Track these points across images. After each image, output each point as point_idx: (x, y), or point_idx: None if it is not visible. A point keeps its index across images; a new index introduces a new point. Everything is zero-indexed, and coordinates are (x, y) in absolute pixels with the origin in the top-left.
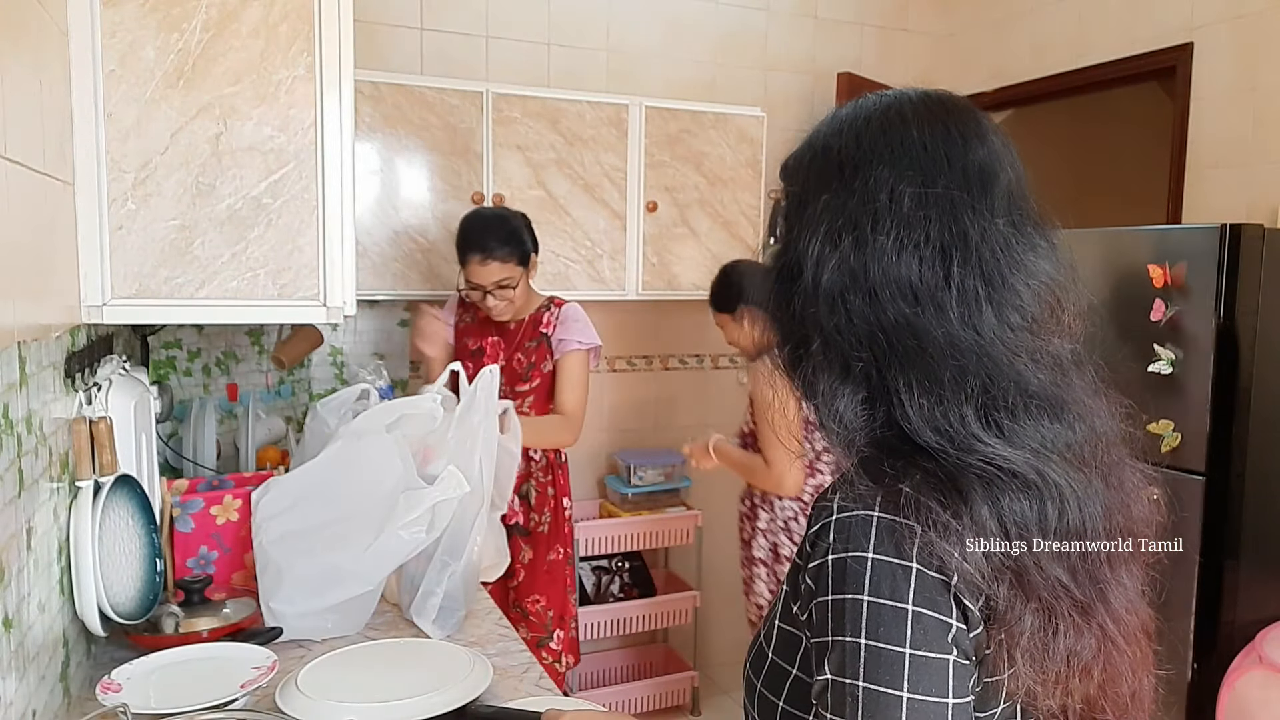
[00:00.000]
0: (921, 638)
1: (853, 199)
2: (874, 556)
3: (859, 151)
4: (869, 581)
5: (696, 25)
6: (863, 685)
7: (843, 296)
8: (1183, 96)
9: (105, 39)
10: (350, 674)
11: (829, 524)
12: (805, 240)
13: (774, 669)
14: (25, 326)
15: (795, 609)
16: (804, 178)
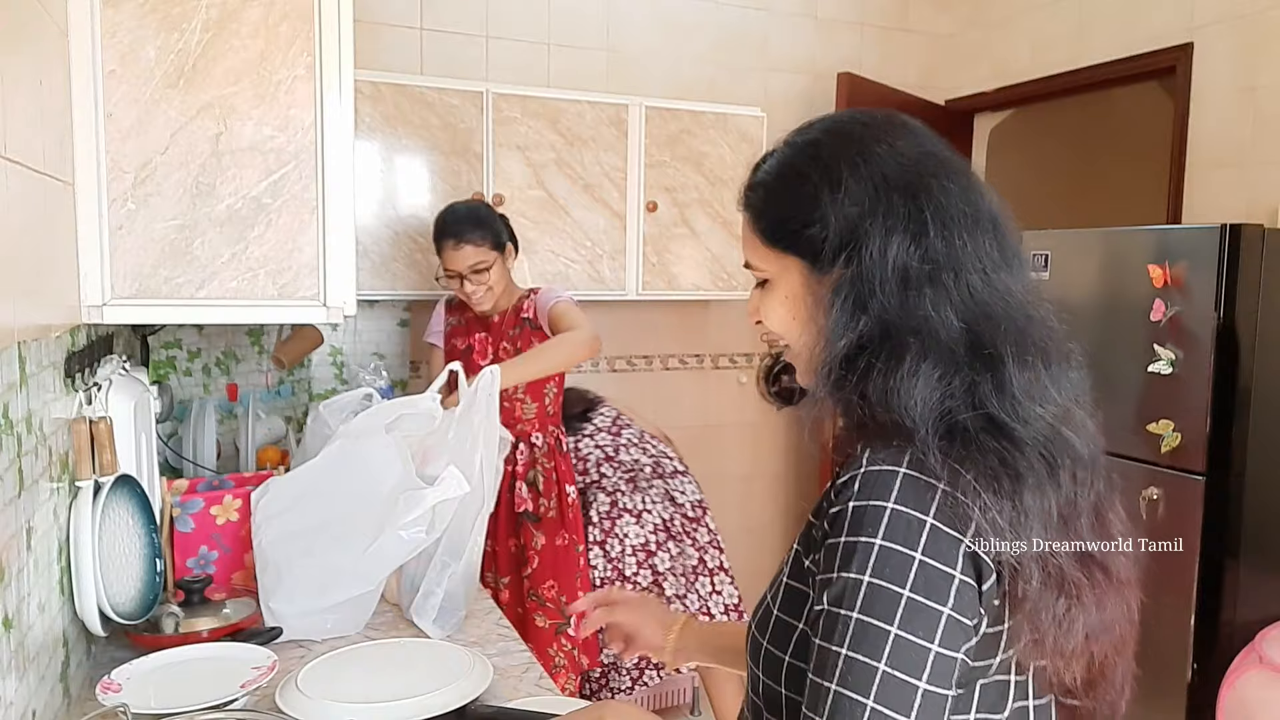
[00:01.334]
0: (922, 585)
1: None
2: (893, 506)
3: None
4: (884, 527)
5: (696, 25)
6: (856, 616)
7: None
8: (1183, 96)
9: (105, 39)
10: (350, 674)
11: (856, 475)
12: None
13: (780, 625)
14: (25, 326)
15: (807, 563)
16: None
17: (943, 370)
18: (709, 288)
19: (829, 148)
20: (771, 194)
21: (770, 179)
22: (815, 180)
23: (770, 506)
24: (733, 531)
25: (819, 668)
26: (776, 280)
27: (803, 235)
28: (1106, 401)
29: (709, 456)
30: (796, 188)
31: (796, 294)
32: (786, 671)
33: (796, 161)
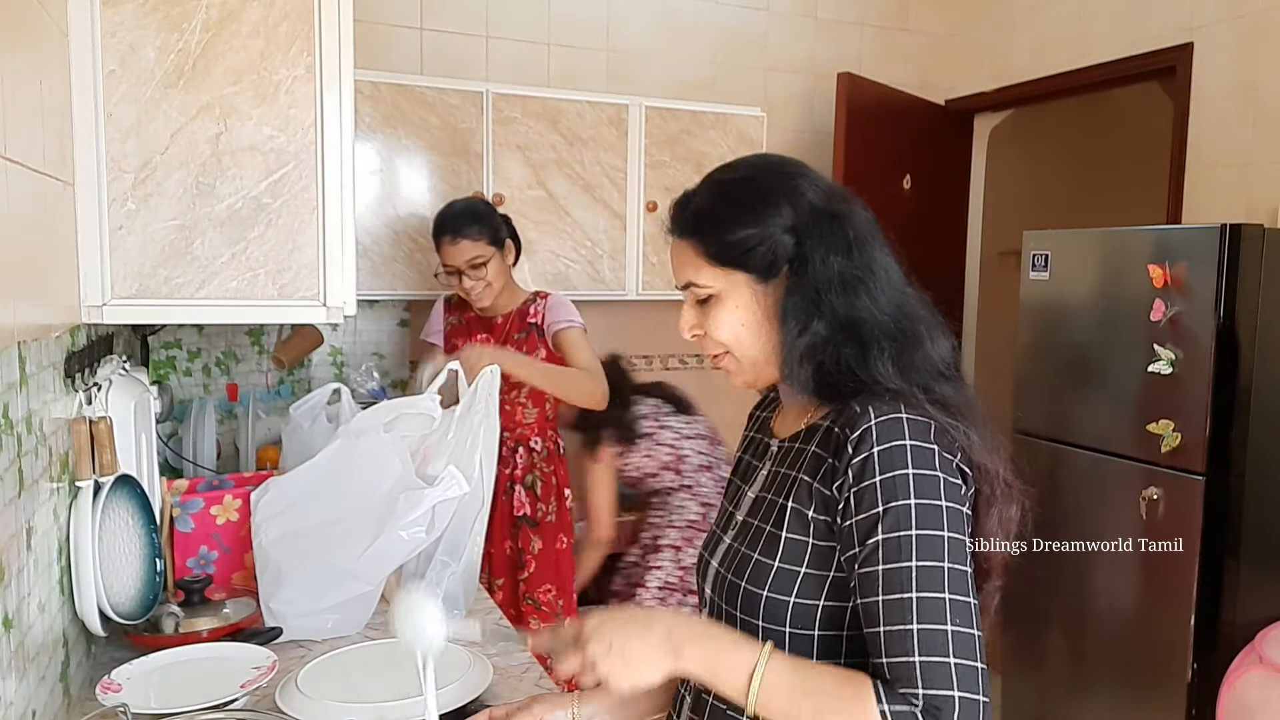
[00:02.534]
0: (949, 494)
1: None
2: (910, 442)
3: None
4: (910, 458)
5: (696, 25)
6: (916, 532)
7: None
8: (1183, 96)
9: (105, 39)
10: (350, 674)
11: (869, 427)
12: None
13: (781, 573)
14: (25, 326)
15: (811, 514)
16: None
17: (892, 347)
18: None
19: (765, 182)
20: (718, 221)
21: (714, 208)
22: (759, 208)
23: None
24: None
25: (891, 584)
26: (724, 295)
27: (754, 253)
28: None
29: None
30: (741, 214)
31: (745, 305)
32: (793, 611)
33: (737, 194)
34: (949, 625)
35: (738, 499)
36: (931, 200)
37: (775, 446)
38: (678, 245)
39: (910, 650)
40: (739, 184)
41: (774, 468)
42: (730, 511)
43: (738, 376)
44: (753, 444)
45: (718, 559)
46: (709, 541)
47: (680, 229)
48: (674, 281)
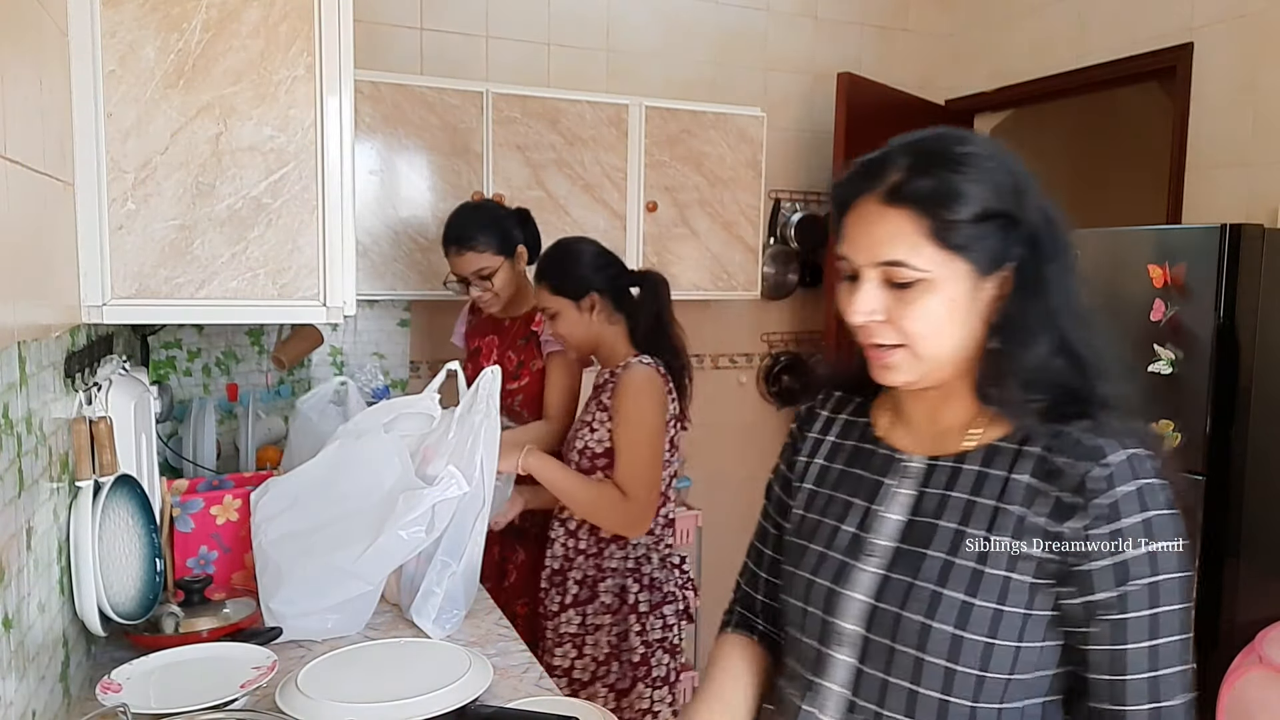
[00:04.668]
0: (1184, 530)
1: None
2: (1159, 480)
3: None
4: (1164, 496)
5: (696, 25)
6: (1169, 577)
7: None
8: (1183, 96)
9: (105, 39)
10: (350, 674)
11: (1118, 465)
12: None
13: (980, 613)
14: (25, 326)
15: (1026, 548)
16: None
17: (1108, 368)
18: (709, 288)
19: (1009, 165)
20: (956, 198)
21: (954, 181)
22: (1006, 194)
23: None
24: (733, 532)
25: (1154, 630)
26: (938, 283)
27: (985, 243)
28: None
29: (709, 456)
30: (986, 195)
31: (961, 297)
32: (993, 653)
33: (982, 171)
34: (1187, 665)
35: (861, 517)
36: None
37: (919, 465)
38: (884, 213)
39: (1174, 693)
40: (982, 160)
41: (931, 489)
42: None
43: (902, 374)
44: (857, 454)
45: (865, 591)
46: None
47: (895, 195)
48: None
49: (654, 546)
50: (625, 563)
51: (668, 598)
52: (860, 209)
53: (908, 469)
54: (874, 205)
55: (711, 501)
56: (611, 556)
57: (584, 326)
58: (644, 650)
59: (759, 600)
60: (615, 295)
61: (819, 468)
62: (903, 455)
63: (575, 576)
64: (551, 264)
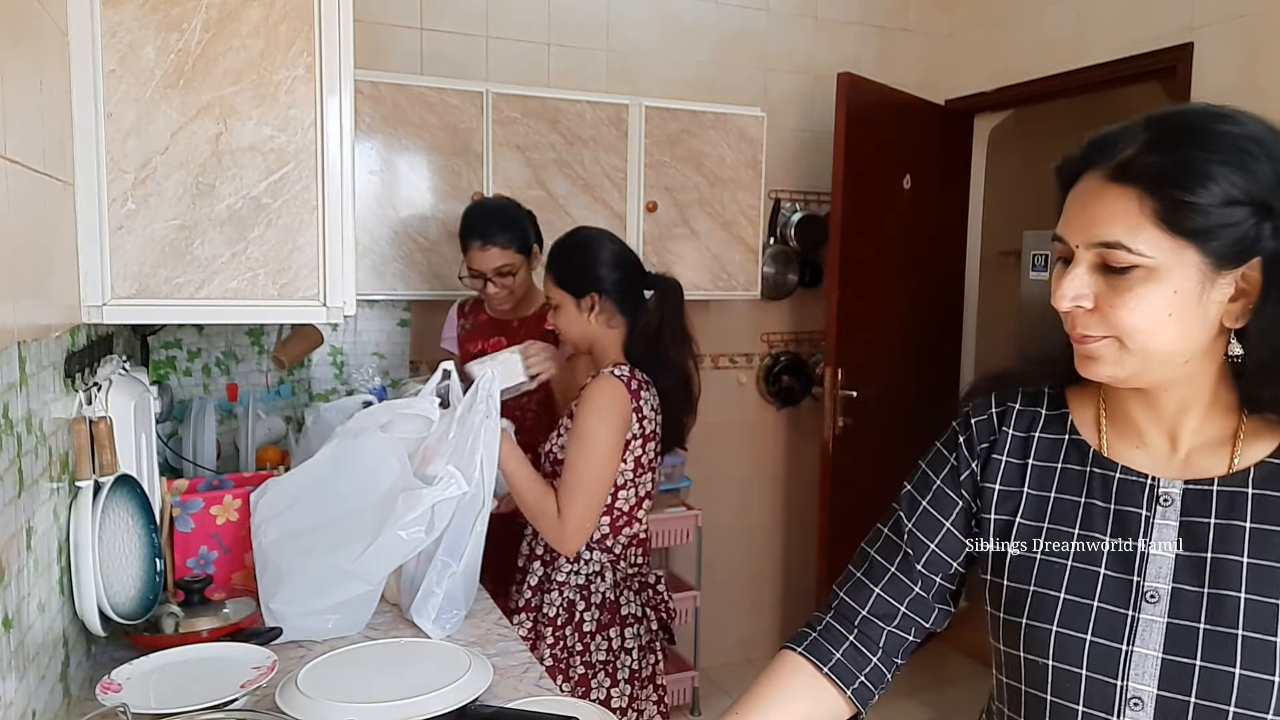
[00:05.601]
0: None
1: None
2: None
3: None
4: None
5: (696, 25)
6: None
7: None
8: (1183, 97)
9: (105, 39)
10: (350, 674)
11: None
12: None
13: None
14: (25, 326)
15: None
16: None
17: None
18: (709, 288)
19: (1267, 142)
20: (1194, 176)
21: (1193, 159)
22: (1260, 176)
23: (770, 507)
24: (733, 532)
25: None
26: (1163, 272)
27: (1226, 231)
28: None
29: (709, 456)
30: (1232, 176)
31: (1188, 291)
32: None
33: (1233, 149)
34: None
35: (1132, 561)
36: (931, 200)
37: (1178, 490)
38: (1105, 190)
39: None
40: (1239, 139)
41: (1197, 518)
42: (1123, 578)
43: (1107, 367)
44: (1073, 479)
45: (1155, 646)
46: (1098, 622)
47: (1123, 171)
48: (1067, 232)
49: (610, 565)
50: (574, 577)
51: (626, 620)
52: (1083, 185)
53: (1164, 495)
54: (1098, 181)
55: (711, 501)
56: (560, 569)
57: (580, 325)
58: (584, 670)
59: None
60: (621, 298)
61: (1024, 497)
62: (1147, 479)
63: (530, 581)
64: (563, 254)
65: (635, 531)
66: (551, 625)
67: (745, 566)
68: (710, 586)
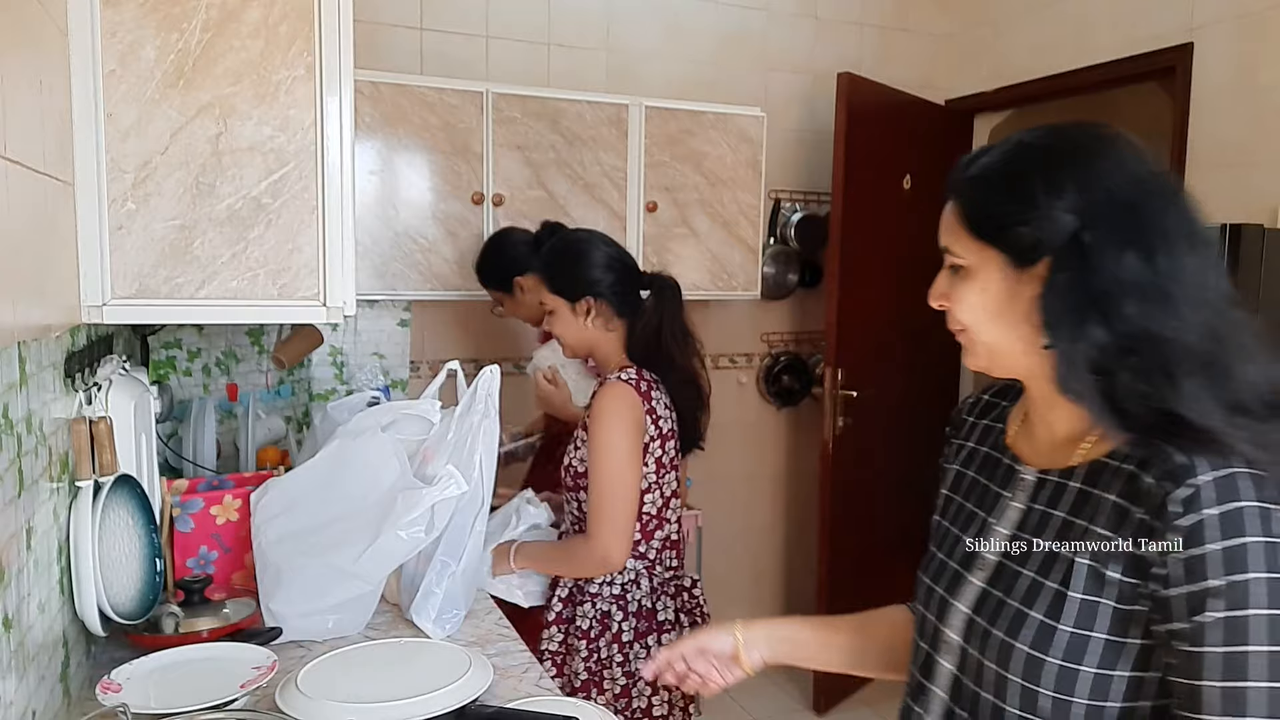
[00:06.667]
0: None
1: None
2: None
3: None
4: (1260, 522)
5: (696, 25)
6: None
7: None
8: (1183, 96)
9: (105, 39)
10: (350, 674)
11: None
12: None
13: (1074, 640)
14: (25, 326)
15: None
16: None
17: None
18: (709, 288)
19: (1056, 154)
20: (987, 187)
21: (989, 173)
22: (1036, 182)
23: (770, 507)
24: (733, 532)
25: (1230, 670)
26: (974, 271)
27: (1011, 231)
28: None
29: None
30: (1013, 186)
31: (993, 287)
32: (1092, 682)
33: (1019, 161)
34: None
35: (979, 528)
36: (931, 200)
37: (1032, 477)
38: (948, 205)
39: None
40: (1029, 149)
41: (1032, 504)
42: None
43: (971, 358)
44: (982, 461)
45: (966, 602)
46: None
47: (950, 188)
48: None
49: (646, 572)
50: (609, 588)
51: (663, 626)
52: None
53: (1020, 481)
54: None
55: (712, 501)
56: (593, 580)
57: (577, 329)
58: (625, 681)
59: None
60: (618, 300)
61: (955, 473)
62: (1020, 466)
63: (560, 593)
64: (554, 259)
65: (667, 533)
66: (585, 638)
67: (745, 566)
68: (710, 586)
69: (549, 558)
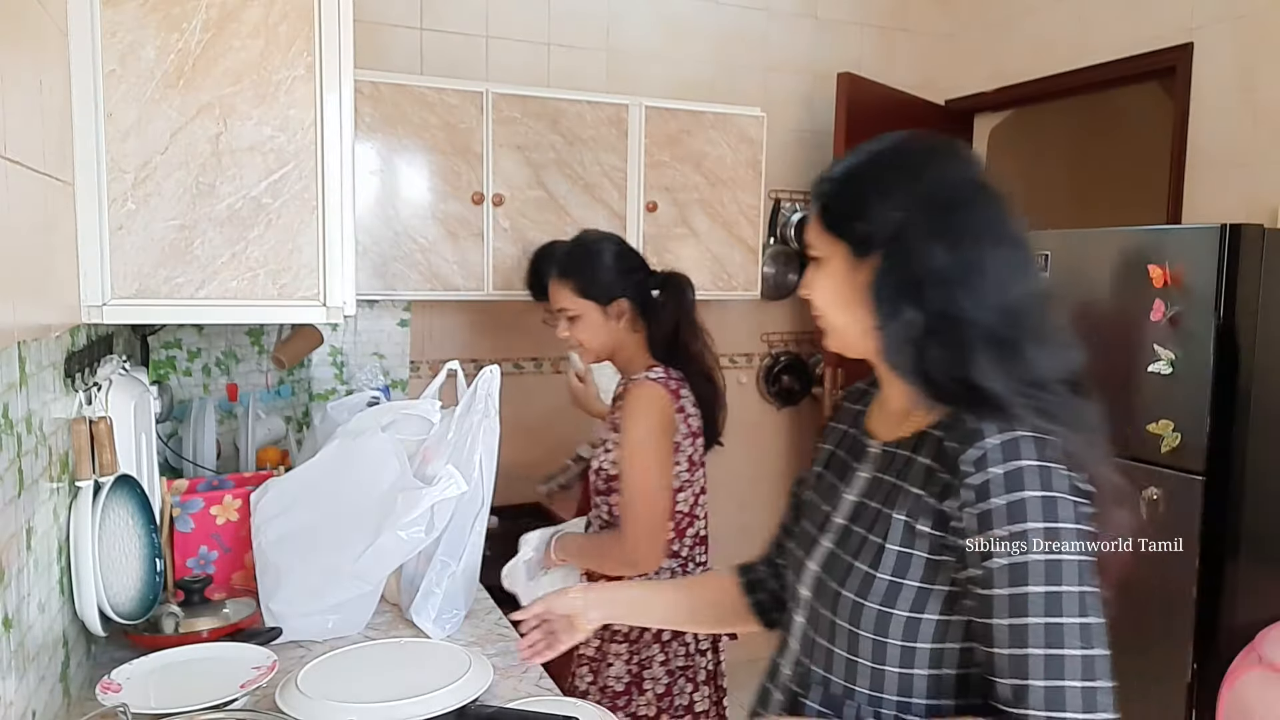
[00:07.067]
0: (1073, 514)
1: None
2: (1037, 463)
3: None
4: (1039, 480)
5: (696, 25)
6: (1042, 558)
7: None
8: (1183, 96)
9: (105, 39)
10: (350, 674)
11: (987, 446)
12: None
13: (890, 587)
14: (25, 326)
15: (921, 526)
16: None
17: (992, 351)
18: (709, 288)
19: (889, 161)
20: (836, 189)
21: (838, 177)
22: (872, 183)
23: (770, 507)
24: (732, 531)
25: (1016, 609)
26: (825, 261)
27: (851, 225)
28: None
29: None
30: (856, 187)
31: (838, 274)
32: (904, 625)
33: (861, 167)
34: (1079, 650)
35: (834, 498)
36: None
37: (877, 450)
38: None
39: (1039, 674)
40: (870, 157)
41: (876, 473)
42: (826, 511)
43: (828, 340)
44: (845, 439)
45: (816, 561)
46: (803, 539)
47: (811, 191)
48: None
49: (680, 569)
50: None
51: None
52: None
53: (868, 454)
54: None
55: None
56: None
57: (606, 333)
58: (668, 680)
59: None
60: (642, 301)
61: (827, 453)
62: (869, 441)
63: None
64: (578, 261)
65: (697, 529)
66: (626, 640)
67: None
68: None
69: (585, 551)
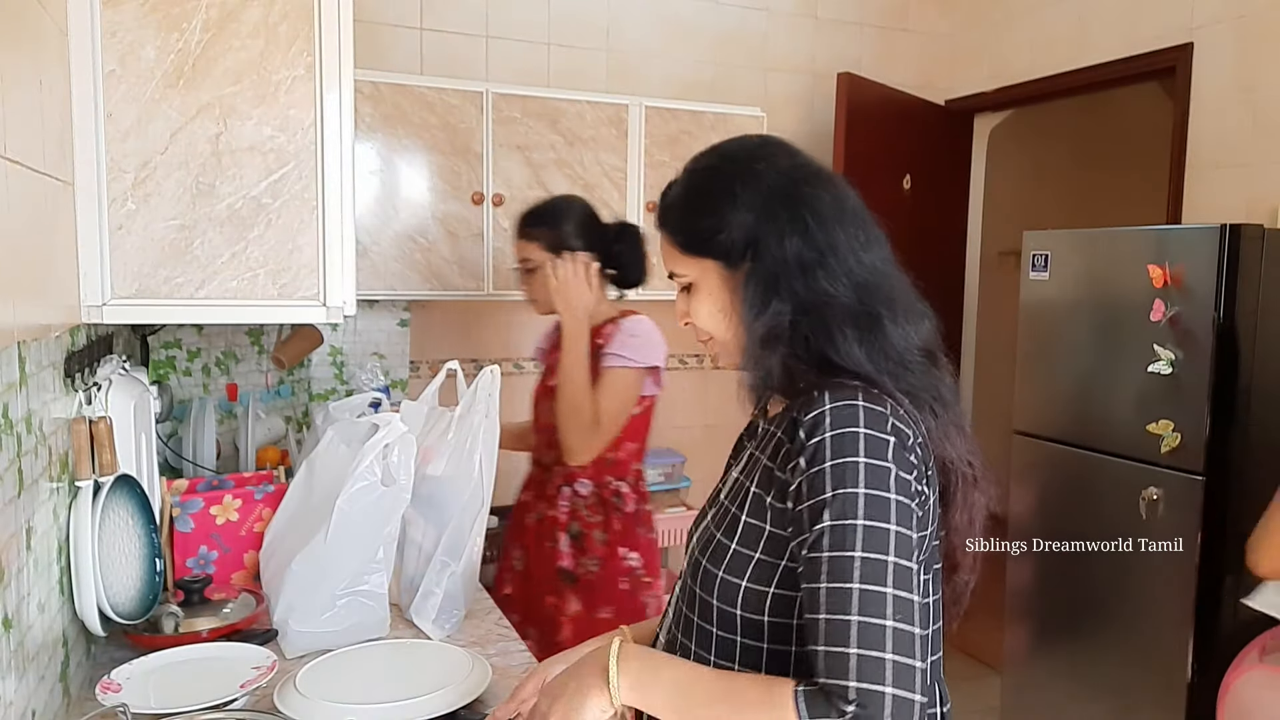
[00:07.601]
0: (899, 487)
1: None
2: (864, 430)
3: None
4: (863, 446)
5: (696, 25)
6: (861, 523)
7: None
8: (1183, 96)
9: (105, 39)
10: (349, 674)
11: (824, 412)
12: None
13: (736, 556)
14: (25, 326)
15: (770, 499)
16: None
17: (854, 329)
18: None
19: (723, 170)
20: (684, 212)
21: (681, 200)
22: (716, 196)
23: None
24: None
25: (834, 573)
26: (699, 282)
27: (714, 241)
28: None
29: (709, 457)
30: (703, 204)
31: (716, 291)
32: (743, 594)
33: (699, 183)
34: (889, 621)
35: (725, 477)
36: (931, 200)
37: (760, 428)
38: (661, 237)
39: (848, 641)
40: (702, 173)
41: (755, 450)
42: (718, 490)
43: (724, 359)
44: (750, 425)
45: (696, 535)
46: (698, 517)
47: (658, 221)
48: None
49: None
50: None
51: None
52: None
53: (758, 433)
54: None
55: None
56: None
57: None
58: None
59: None
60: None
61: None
62: (762, 423)
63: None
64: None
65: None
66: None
67: None
68: None
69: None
